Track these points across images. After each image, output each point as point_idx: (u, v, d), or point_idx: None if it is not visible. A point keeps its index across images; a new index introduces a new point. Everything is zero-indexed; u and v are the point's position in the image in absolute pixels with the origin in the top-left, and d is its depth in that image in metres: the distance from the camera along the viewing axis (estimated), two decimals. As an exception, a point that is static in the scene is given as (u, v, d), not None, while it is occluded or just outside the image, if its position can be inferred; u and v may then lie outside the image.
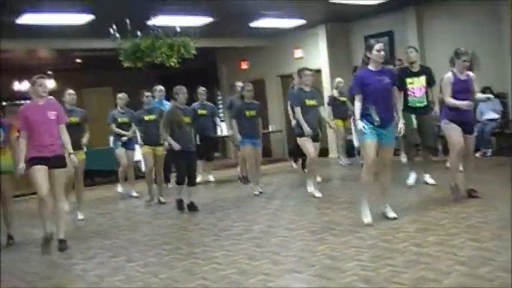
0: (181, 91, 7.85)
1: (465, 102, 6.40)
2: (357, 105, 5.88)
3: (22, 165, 5.87)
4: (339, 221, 6.17)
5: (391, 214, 5.94)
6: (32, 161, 5.86)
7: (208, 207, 7.93)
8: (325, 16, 12.81)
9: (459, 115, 6.51)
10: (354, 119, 6.43)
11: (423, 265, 4.24)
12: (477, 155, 10.50)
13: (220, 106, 17.40)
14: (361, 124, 5.78)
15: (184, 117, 7.79)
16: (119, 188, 10.09)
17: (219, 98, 17.80)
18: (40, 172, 5.84)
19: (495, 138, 10.74)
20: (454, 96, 6.48)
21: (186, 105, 8.16)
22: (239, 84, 10.00)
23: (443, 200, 6.71)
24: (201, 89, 10.57)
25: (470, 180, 6.77)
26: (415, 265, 4.26)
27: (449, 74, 6.61)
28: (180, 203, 7.90)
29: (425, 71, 7.96)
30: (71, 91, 8.21)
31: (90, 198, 9.73)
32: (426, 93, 7.86)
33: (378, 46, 5.85)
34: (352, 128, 10.46)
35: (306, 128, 7.62)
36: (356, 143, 10.67)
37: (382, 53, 5.86)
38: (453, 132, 6.56)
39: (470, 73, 6.71)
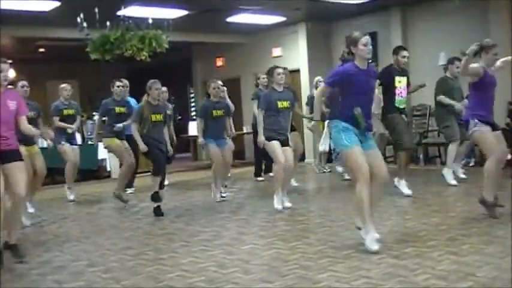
0: (155, 86, 7.66)
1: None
2: (319, 92, 5.50)
3: None
4: (313, 229, 6.20)
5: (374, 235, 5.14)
6: None
7: (176, 211, 7.90)
8: (306, 14, 12.89)
9: (489, 113, 6.17)
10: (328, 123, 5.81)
11: (400, 278, 4.27)
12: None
13: (193, 104, 17.37)
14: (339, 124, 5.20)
15: (156, 114, 7.65)
16: (69, 195, 9.38)
17: (192, 95, 17.77)
18: None
19: (478, 147, 10.85)
20: (482, 90, 6.17)
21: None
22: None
23: (422, 211, 6.78)
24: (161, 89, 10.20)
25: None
26: (391, 278, 4.29)
27: (477, 65, 6.11)
28: (156, 194, 7.66)
29: (406, 72, 8.22)
30: (24, 82, 7.97)
31: (50, 198, 9.62)
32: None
33: (364, 40, 5.20)
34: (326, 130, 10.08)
35: (261, 137, 7.41)
36: (328, 146, 10.57)
37: (370, 47, 5.24)
38: (489, 135, 6.08)
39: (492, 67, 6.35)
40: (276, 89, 7.54)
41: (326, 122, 9.03)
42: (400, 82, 7.97)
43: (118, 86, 8.94)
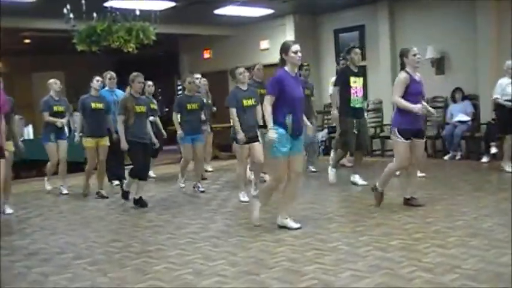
0: (138, 79, 7.63)
1: (418, 105, 6.25)
2: (268, 110, 5.55)
3: None
4: (300, 222, 6.19)
5: (294, 225, 5.81)
6: None
7: (163, 204, 7.90)
8: (294, 7, 12.87)
9: (412, 122, 6.37)
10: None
11: (385, 270, 4.30)
12: (446, 158, 10.71)
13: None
14: (274, 134, 5.50)
15: (139, 106, 7.63)
16: (47, 185, 9.47)
17: (179, 87, 17.69)
18: None
19: (464, 141, 10.91)
20: (407, 99, 6.31)
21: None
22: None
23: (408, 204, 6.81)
24: (148, 83, 9.96)
25: (414, 187, 6.80)
26: (377, 270, 4.32)
27: (404, 74, 6.40)
28: (127, 193, 7.95)
29: (363, 72, 8.44)
30: None
31: (36, 190, 9.57)
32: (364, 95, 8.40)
33: (294, 47, 5.55)
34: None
35: (240, 134, 7.50)
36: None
37: (299, 54, 5.57)
38: (403, 149, 6.41)
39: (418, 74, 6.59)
40: (241, 88, 7.70)
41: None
42: (356, 82, 8.12)
43: (97, 81, 8.73)
